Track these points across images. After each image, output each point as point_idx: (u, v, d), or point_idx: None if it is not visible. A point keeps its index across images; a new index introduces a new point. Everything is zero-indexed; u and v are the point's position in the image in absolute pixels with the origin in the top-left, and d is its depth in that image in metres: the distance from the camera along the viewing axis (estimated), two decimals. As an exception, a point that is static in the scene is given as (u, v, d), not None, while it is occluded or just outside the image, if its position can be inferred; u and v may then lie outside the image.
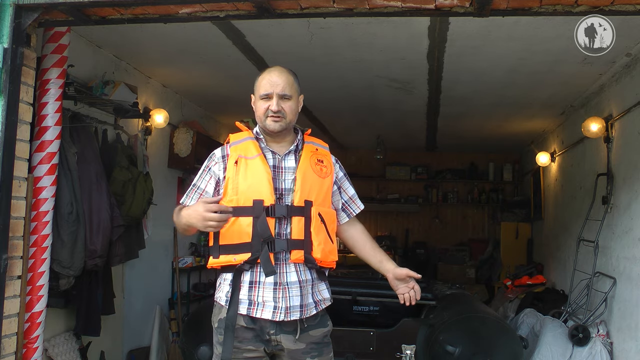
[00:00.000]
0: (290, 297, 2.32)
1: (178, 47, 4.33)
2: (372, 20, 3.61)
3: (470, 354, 3.70)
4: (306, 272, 2.38)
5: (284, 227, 2.33)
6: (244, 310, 2.32)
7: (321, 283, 2.46)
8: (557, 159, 6.78)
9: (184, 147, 5.73)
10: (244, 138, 2.47)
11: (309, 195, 2.37)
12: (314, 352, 2.37)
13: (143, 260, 4.88)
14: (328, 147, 2.58)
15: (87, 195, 3.74)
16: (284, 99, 2.38)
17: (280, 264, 2.33)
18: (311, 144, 2.51)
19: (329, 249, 2.42)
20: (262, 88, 2.39)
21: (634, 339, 3.99)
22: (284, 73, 2.42)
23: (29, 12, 2.73)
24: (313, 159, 2.44)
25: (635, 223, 4.11)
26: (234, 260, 2.32)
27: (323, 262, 2.41)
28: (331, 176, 2.48)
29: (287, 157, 2.43)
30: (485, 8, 2.62)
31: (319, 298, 2.43)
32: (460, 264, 9.19)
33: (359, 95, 5.71)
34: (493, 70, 4.68)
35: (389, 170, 9.67)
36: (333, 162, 2.54)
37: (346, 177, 2.60)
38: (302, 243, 2.34)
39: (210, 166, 2.45)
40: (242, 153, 2.40)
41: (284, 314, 2.30)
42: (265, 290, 2.32)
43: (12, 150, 2.72)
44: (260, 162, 2.37)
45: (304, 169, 2.40)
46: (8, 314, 2.74)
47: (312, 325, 2.39)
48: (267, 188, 2.32)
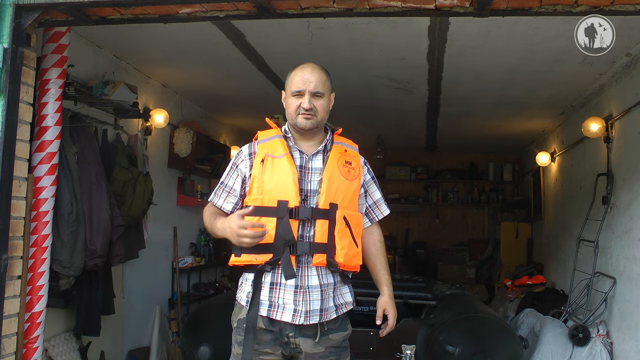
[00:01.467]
0: (311, 300, 2.29)
1: (178, 47, 4.33)
2: (372, 20, 3.60)
3: (470, 354, 3.70)
4: (328, 276, 2.35)
5: (307, 230, 2.29)
6: (264, 311, 2.29)
7: (344, 286, 2.43)
8: (557, 159, 6.78)
9: (184, 147, 5.73)
10: (272, 136, 2.42)
11: (335, 197, 2.32)
12: (332, 356, 2.35)
13: (143, 260, 4.88)
14: (357, 148, 2.53)
15: (87, 195, 3.74)
16: (316, 97, 2.34)
17: (302, 267, 2.30)
18: (340, 144, 2.45)
19: (353, 253, 2.37)
20: (294, 85, 2.35)
21: (634, 339, 3.99)
22: (317, 70, 2.37)
23: (29, 12, 2.73)
24: (341, 160, 2.39)
25: (635, 223, 4.11)
26: (255, 261, 2.29)
27: (346, 267, 2.37)
28: (359, 179, 2.42)
29: (315, 157, 2.38)
30: (485, 8, 2.62)
31: (340, 302, 2.40)
32: (460, 264, 9.19)
33: (359, 95, 5.71)
34: (493, 70, 4.68)
35: (389, 170, 9.67)
36: (362, 164, 2.49)
37: (374, 180, 2.55)
38: (325, 247, 2.29)
39: (237, 163, 2.41)
40: (269, 151, 2.35)
41: (304, 317, 2.27)
42: (286, 292, 2.29)
43: (12, 150, 2.71)
44: (287, 161, 2.32)
45: (330, 170, 2.34)
46: (8, 314, 2.74)
47: (333, 329, 2.36)
48: (293, 189, 2.28)
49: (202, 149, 6.18)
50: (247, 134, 8.03)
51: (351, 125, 7.43)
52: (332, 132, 2.48)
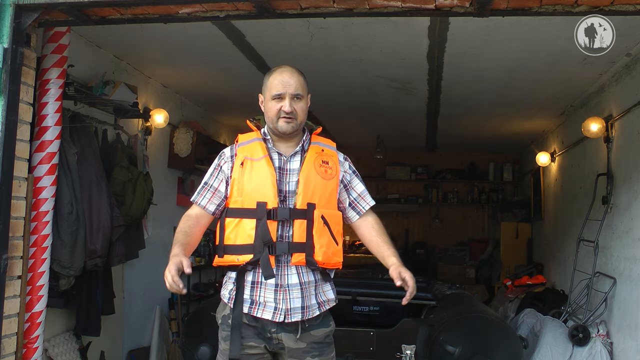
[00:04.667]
0: (291, 299, 2.34)
1: (178, 47, 4.33)
2: (372, 20, 3.60)
3: (470, 354, 3.70)
4: (309, 274, 2.39)
5: (286, 230, 2.34)
6: (246, 309, 2.35)
7: (326, 284, 2.46)
8: (557, 159, 6.78)
9: (184, 147, 5.73)
10: (251, 139, 2.47)
11: (312, 197, 2.37)
12: (315, 351, 2.38)
13: (143, 260, 4.88)
14: (335, 146, 2.57)
15: (87, 195, 3.74)
16: (296, 99, 2.38)
17: (282, 266, 2.35)
18: (317, 144, 2.50)
19: (333, 251, 2.41)
20: (274, 88, 2.38)
21: (634, 339, 3.99)
22: (295, 73, 2.41)
23: (29, 12, 2.73)
24: (318, 160, 2.43)
25: (635, 223, 4.11)
26: (237, 261, 2.35)
27: (326, 264, 2.41)
28: (336, 177, 2.47)
29: (293, 158, 2.43)
30: (485, 8, 2.62)
31: (323, 299, 2.44)
32: (460, 264, 9.18)
33: (359, 95, 5.70)
34: (493, 70, 4.68)
35: (389, 170, 9.66)
36: (341, 160, 2.53)
37: (356, 174, 2.58)
38: (304, 246, 2.34)
39: (221, 165, 2.45)
40: (248, 154, 2.40)
41: (284, 315, 2.33)
42: (266, 291, 2.35)
43: (12, 150, 2.72)
44: (266, 164, 2.37)
45: (307, 171, 2.39)
46: (8, 314, 2.74)
47: (314, 325, 2.41)
48: (271, 191, 2.33)
49: (202, 149, 6.17)
50: (247, 134, 8.02)
51: (351, 125, 7.44)
52: (311, 132, 2.52)
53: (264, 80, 2.45)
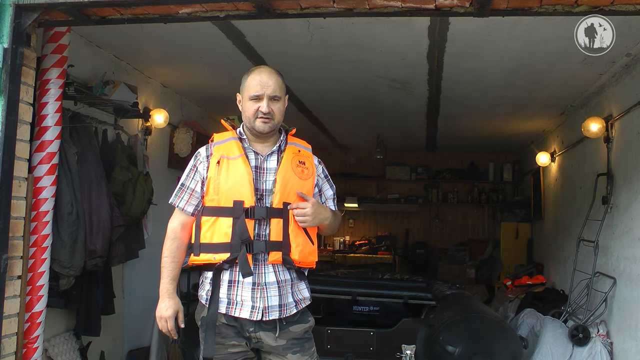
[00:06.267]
0: (269, 297, 2.37)
1: (178, 47, 4.33)
2: (372, 20, 3.60)
3: (470, 354, 3.71)
4: (285, 272, 2.42)
5: (263, 229, 2.37)
6: (223, 309, 2.37)
7: (301, 282, 2.50)
8: (557, 159, 6.78)
9: (184, 147, 5.73)
10: (227, 138, 2.49)
11: (289, 197, 2.39)
12: (295, 347, 2.41)
13: (143, 260, 4.87)
14: (311, 148, 2.60)
15: (87, 195, 3.74)
16: (273, 100, 2.40)
17: (259, 265, 2.37)
18: (294, 145, 2.53)
19: (309, 250, 2.45)
20: (252, 89, 2.40)
21: (634, 339, 3.99)
22: (274, 74, 2.44)
23: (29, 12, 2.73)
24: (295, 160, 2.46)
25: (635, 223, 4.11)
26: (214, 259, 2.37)
27: (302, 263, 2.44)
28: (312, 178, 2.49)
29: (270, 157, 2.45)
30: (485, 8, 2.62)
31: (299, 297, 2.46)
32: (460, 264, 9.18)
33: (359, 95, 5.70)
34: (493, 71, 4.67)
35: (389, 170, 9.66)
36: (316, 163, 2.56)
37: (327, 178, 2.61)
38: (281, 245, 2.37)
39: (197, 165, 2.47)
40: (224, 153, 2.42)
41: (262, 313, 2.35)
42: (244, 289, 2.37)
43: (12, 150, 2.72)
44: (242, 162, 2.39)
45: (284, 170, 2.41)
46: (8, 314, 2.74)
47: (292, 322, 2.43)
48: (248, 189, 2.35)
49: (202, 149, 6.17)
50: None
51: (351, 125, 7.44)
52: (286, 133, 2.54)
53: (242, 80, 2.47)
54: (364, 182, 9.58)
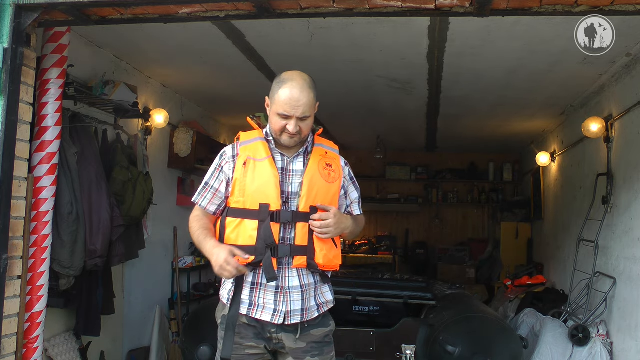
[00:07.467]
0: (291, 301, 2.34)
1: (178, 47, 4.33)
2: (372, 20, 3.60)
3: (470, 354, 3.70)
4: (309, 276, 2.39)
5: (288, 232, 2.33)
6: (244, 310, 2.35)
7: (324, 285, 2.47)
8: (557, 159, 6.78)
9: (184, 147, 5.73)
10: (254, 138, 2.42)
11: (315, 200, 2.35)
12: (314, 351, 2.39)
13: (143, 260, 4.88)
14: (338, 149, 2.54)
15: (87, 195, 3.74)
16: (302, 120, 2.33)
17: (283, 269, 2.34)
18: (321, 146, 2.47)
19: (333, 254, 2.41)
20: (280, 107, 2.29)
21: (634, 339, 3.99)
22: (305, 90, 2.31)
23: (29, 12, 2.73)
24: (322, 163, 2.41)
25: (635, 223, 4.11)
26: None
27: (326, 267, 2.41)
28: (339, 181, 2.44)
29: (296, 159, 2.40)
30: (485, 8, 2.62)
31: (321, 301, 2.44)
32: (460, 264, 9.18)
33: (359, 95, 5.70)
34: (493, 71, 4.68)
35: (389, 170, 9.67)
36: (342, 165, 2.50)
37: (353, 180, 2.56)
38: (306, 249, 2.33)
39: (222, 165, 2.42)
40: (251, 154, 2.36)
41: (284, 317, 2.33)
42: (266, 292, 2.34)
43: (12, 150, 2.72)
44: (269, 164, 2.34)
45: (311, 173, 2.37)
46: (8, 314, 2.74)
47: (314, 325, 2.41)
48: (274, 192, 2.31)
49: (202, 149, 6.17)
50: (247, 134, 8.01)
51: (351, 125, 7.44)
52: (313, 133, 2.49)
53: (273, 87, 2.36)
54: (364, 182, 9.55)
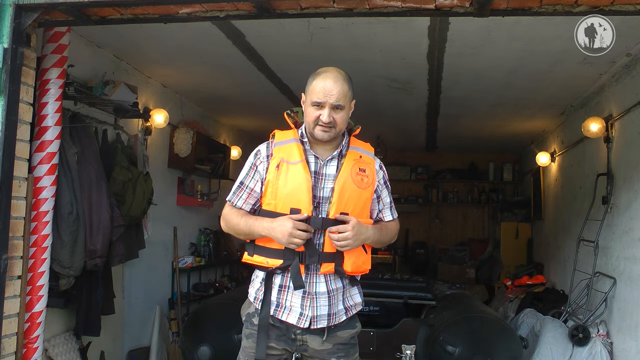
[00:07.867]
0: (318, 306, 2.32)
1: (178, 47, 4.33)
2: (372, 20, 3.60)
3: (470, 354, 3.70)
4: (337, 281, 2.37)
5: (317, 238, 2.30)
6: (271, 310, 2.34)
7: (353, 288, 2.44)
8: (557, 159, 6.78)
9: (184, 147, 5.73)
10: (289, 139, 2.38)
11: (346, 207, 2.30)
12: (340, 352, 2.36)
13: (143, 260, 4.88)
14: (373, 152, 2.49)
15: (87, 195, 3.74)
16: (336, 109, 2.29)
17: (310, 274, 2.32)
18: (355, 149, 2.41)
19: (362, 260, 2.38)
20: (314, 95, 2.27)
21: (634, 339, 3.99)
22: (339, 80, 2.30)
23: (29, 12, 2.73)
24: (355, 168, 2.35)
25: (635, 223, 4.11)
26: (266, 264, 2.32)
27: (354, 273, 2.38)
28: (372, 186, 2.39)
29: (330, 163, 2.35)
30: (485, 8, 2.62)
31: (350, 304, 2.41)
32: (460, 264, 9.19)
33: (358, 95, 5.63)
34: (493, 71, 4.67)
35: (389, 170, 9.43)
36: (377, 169, 2.45)
37: (386, 185, 2.51)
38: (334, 256, 2.31)
39: (257, 164, 2.38)
40: (285, 156, 2.32)
41: (310, 321, 2.31)
42: (294, 295, 2.32)
43: (12, 150, 2.72)
44: (302, 169, 2.30)
45: (343, 179, 2.31)
46: (8, 314, 2.74)
47: (341, 327, 2.38)
48: (306, 197, 2.27)
49: (202, 149, 6.18)
50: (247, 134, 8.02)
51: (351, 125, 7.43)
52: (349, 134, 2.44)
53: (308, 81, 2.33)
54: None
